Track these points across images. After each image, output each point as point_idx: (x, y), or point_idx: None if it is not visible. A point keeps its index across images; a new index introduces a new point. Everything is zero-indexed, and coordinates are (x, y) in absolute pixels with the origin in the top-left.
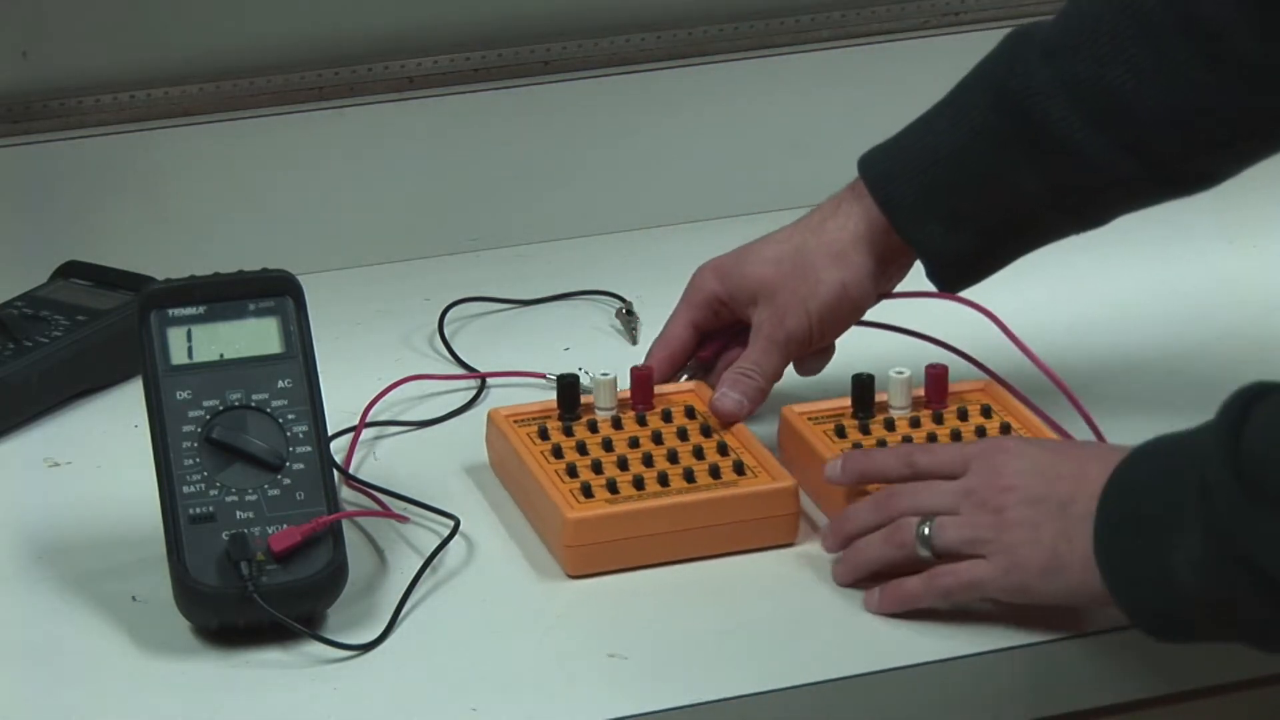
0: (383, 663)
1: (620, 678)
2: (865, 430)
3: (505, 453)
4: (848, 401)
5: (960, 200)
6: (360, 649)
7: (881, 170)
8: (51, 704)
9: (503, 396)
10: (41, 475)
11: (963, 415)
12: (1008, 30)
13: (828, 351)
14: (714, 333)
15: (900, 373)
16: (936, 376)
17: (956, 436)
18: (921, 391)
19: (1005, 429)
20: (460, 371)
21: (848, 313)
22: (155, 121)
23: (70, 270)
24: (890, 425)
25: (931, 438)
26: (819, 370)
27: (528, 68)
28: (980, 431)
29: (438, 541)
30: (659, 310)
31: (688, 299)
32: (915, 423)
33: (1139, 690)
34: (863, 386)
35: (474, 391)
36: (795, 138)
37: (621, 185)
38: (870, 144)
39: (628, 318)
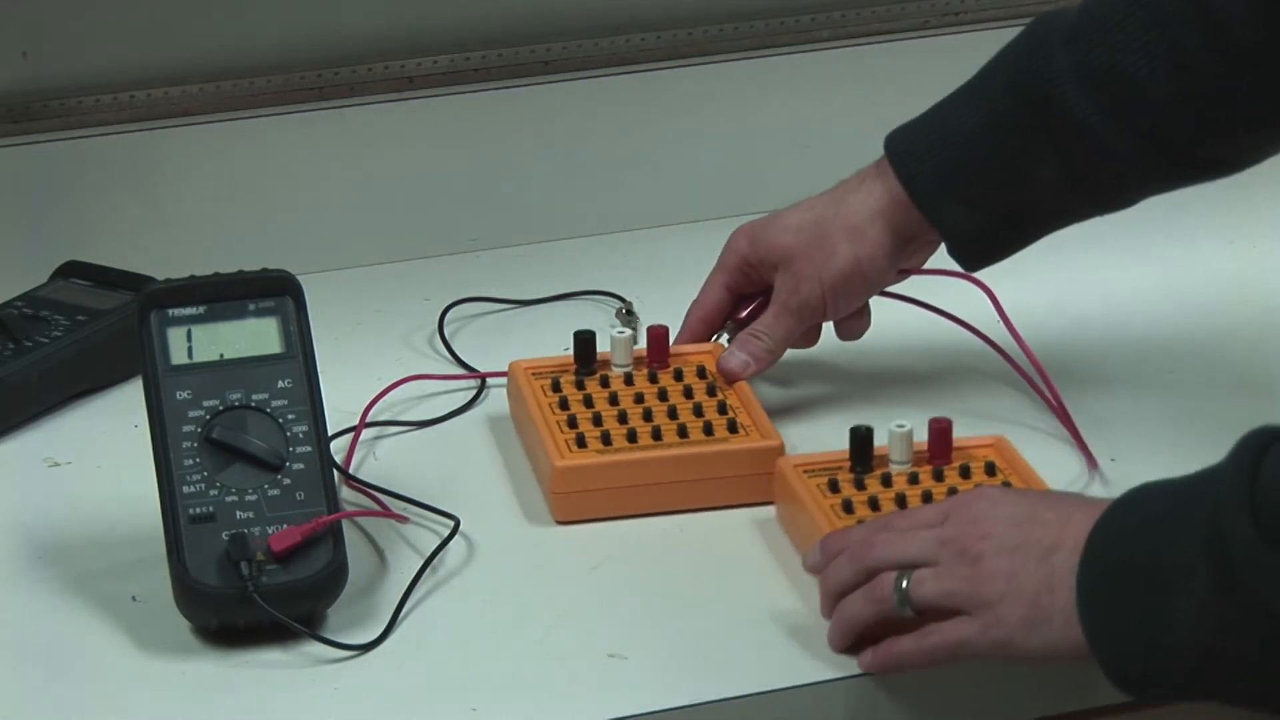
0: (383, 663)
1: (620, 678)
2: (860, 485)
3: (519, 403)
4: (847, 454)
5: (979, 180)
6: (360, 649)
7: (904, 147)
8: (51, 704)
9: (503, 397)
10: (41, 475)
11: (965, 472)
12: (1008, 29)
13: (863, 314)
14: (749, 294)
15: (900, 426)
16: (940, 431)
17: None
18: (925, 446)
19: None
20: (460, 371)
21: (861, 287)
22: (155, 121)
23: (70, 270)
24: (887, 480)
25: (927, 496)
26: (859, 334)
27: (528, 68)
28: None
29: (438, 541)
30: (659, 310)
31: (721, 261)
32: (914, 479)
33: None
34: (861, 440)
35: (474, 391)
36: (795, 138)
37: (621, 185)
38: (871, 144)
39: (628, 318)
